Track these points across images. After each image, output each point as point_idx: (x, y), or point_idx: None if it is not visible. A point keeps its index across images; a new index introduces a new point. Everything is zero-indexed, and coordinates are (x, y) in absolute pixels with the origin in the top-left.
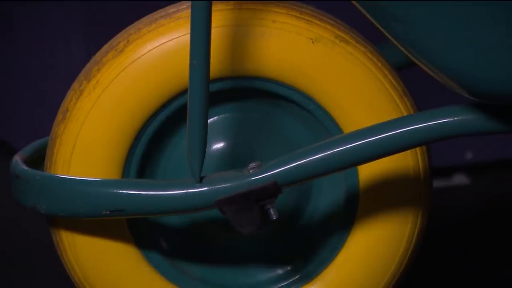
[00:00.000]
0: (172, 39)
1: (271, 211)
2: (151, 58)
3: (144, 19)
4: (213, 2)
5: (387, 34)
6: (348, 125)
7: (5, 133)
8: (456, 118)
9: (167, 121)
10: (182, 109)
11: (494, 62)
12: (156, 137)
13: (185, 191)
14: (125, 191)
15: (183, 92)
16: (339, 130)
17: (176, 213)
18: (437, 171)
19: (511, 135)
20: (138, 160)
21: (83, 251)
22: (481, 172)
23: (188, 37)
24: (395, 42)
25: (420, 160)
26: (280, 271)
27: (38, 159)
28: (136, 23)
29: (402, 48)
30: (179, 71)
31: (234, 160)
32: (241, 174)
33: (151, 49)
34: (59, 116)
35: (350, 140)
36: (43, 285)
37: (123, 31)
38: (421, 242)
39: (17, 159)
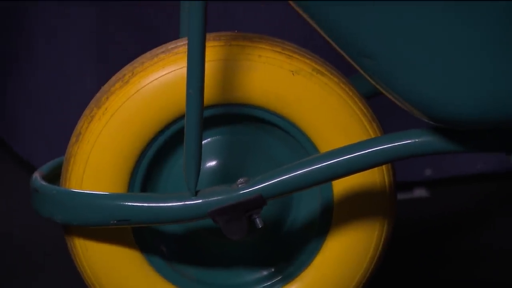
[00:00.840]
0: (171, 72)
1: (257, 220)
2: (153, 88)
3: (147, 54)
4: (207, 40)
5: (357, 68)
6: (324, 146)
7: (28, 152)
8: (417, 140)
9: (167, 142)
10: (180, 132)
11: (448, 95)
12: (158, 156)
13: (182, 203)
14: (130, 203)
15: (180, 118)
16: (316, 150)
17: (175, 222)
18: (400, 185)
19: (464, 154)
20: (141, 176)
21: (94, 255)
22: (438, 186)
23: (185, 69)
24: (364, 74)
25: (385, 176)
26: (265, 272)
27: (54, 176)
28: (139, 58)
29: (370, 80)
30: (177, 99)
31: (224, 176)
32: (231, 188)
33: (153, 80)
34: (73, 138)
35: (325, 159)
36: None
37: (129, 64)
38: (386, 248)
39: (36, 175)
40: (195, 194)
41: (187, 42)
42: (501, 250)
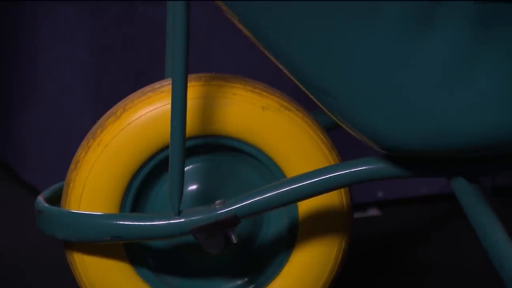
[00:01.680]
0: (158, 108)
1: (232, 236)
2: (141, 122)
3: (137, 93)
4: (188, 80)
5: (318, 103)
6: (290, 171)
7: (33, 178)
8: (370, 167)
9: (154, 169)
10: (165, 160)
11: (396, 128)
12: (146, 181)
13: (167, 221)
14: (121, 222)
15: (166, 147)
16: (283, 175)
17: (160, 238)
18: (356, 206)
19: (412, 178)
20: (132, 198)
21: (90, 268)
22: (389, 207)
23: (169, 106)
24: (324, 109)
25: (343, 198)
26: (239, 282)
27: (56, 198)
28: (130, 96)
29: (329, 114)
30: (162, 131)
31: (204, 198)
32: (210, 209)
33: (142, 115)
34: (72, 165)
35: (291, 183)
36: None
37: (121, 101)
38: (344, 261)
39: (40, 198)
40: (179, 213)
41: (171, 82)
42: (444, 264)
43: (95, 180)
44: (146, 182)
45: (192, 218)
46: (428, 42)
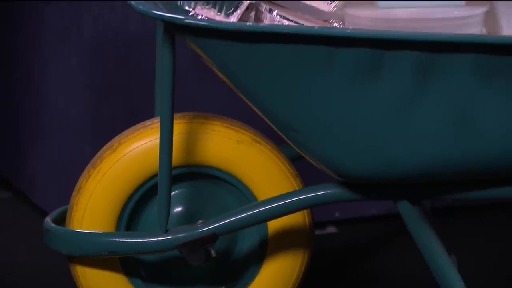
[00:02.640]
0: (148, 142)
1: (212, 251)
2: (134, 154)
3: (130, 129)
4: (174, 118)
5: (285, 138)
6: (261, 195)
7: (42, 201)
8: (328, 191)
9: (145, 194)
10: (154, 186)
11: (350, 159)
12: (138, 204)
13: (156, 239)
14: (117, 239)
15: (155, 175)
16: (255, 198)
17: (150, 253)
18: (316, 224)
19: (364, 201)
20: (126, 218)
21: (90, 278)
22: (344, 225)
23: (158, 140)
24: (290, 143)
25: (306, 218)
26: None
27: (61, 219)
28: (125, 132)
29: (294, 147)
30: (152, 162)
31: (188, 218)
32: (192, 228)
33: (134, 148)
34: (75, 191)
35: (262, 206)
36: None
37: (116, 136)
38: (306, 273)
39: (48, 219)
40: (166, 232)
41: (159, 120)
42: (391, 274)
43: (94, 203)
44: (138, 204)
45: (178, 235)
46: (375, 88)
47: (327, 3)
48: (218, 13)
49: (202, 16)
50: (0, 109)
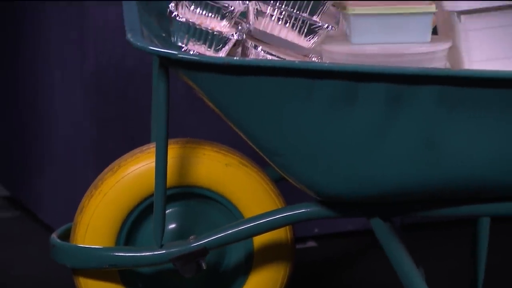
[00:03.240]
0: (145, 165)
1: (203, 264)
2: (132, 176)
3: (129, 153)
4: (169, 143)
5: (269, 161)
6: (247, 213)
7: (48, 218)
8: (308, 209)
9: (142, 212)
10: (150, 205)
11: (327, 181)
12: (135, 221)
13: (152, 253)
14: (116, 254)
15: (151, 195)
16: (241, 216)
17: (147, 266)
18: (297, 239)
19: (341, 218)
20: (125, 234)
21: None
22: (323, 240)
23: (153, 163)
24: (274, 166)
25: (288, 233)
26: None
27: (66, 235)
28: (124, 156)
29: (277, 169)
30: (148, 183)
31: (181, 234)
32: (185, 243)
33: (133, 171)
34: (78, 210)
35: (247, 223)
36: None
37: (116, 160)
38: (288, 284)
39: (54, 235)
40: (161, 246)
41: (155, 145)
42: (366, 283)
43: (96, 221)
44: (136, 222)
45: (172, 250)
46: (351, 116)
47: (306, 40)
48: (208, 49)
49: (193, 51)
50: (11, 135)
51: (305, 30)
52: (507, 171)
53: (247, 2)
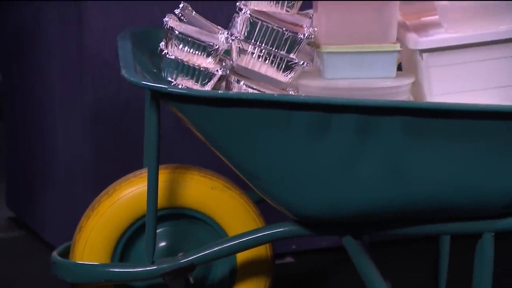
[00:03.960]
0: (138, 188)
1: (190, 278)
2: (126, 198)
3: (123, 178)
4: (159, 169)
5: (250, 184)
6: (231, 231)
7: (50, 238)
8: (286, 228)
9: (135, 231)
10: (143, 225)
11: (301, 203)
12: (129, 240)
13: (144, 268)
14: (112, 269)
15: (143, 216)
16: (226, 234)
17: (140, 280)
18: (277, 255)
19: (316, 236)
20: (120, 251)
21: None
22: (300, 256)
23: (146, 187)
24: (254, 189)
25: (268, 250)
26: None
27: (66, 253)
28: (118, 180)
29: (258, 192)
30: (141, 204)
31: (170, 251)
32: (174, 259)
33: (127, 194)
34: (77, 230)
35: (231, 241)
36: None
37: (112, 184)
38: None
39: (55, 253)
40: (152, 263)
41: (147, 170)
42: None
43: (93, 239)
44: (129, 240)
45: (162, 266)
46: (324, 144)
47: (284, 75)
48: (195, 83)
49: (182, 85)
50: (17, 161)
51: (283, 66)
52: (463, 194)
53: (231, 41)
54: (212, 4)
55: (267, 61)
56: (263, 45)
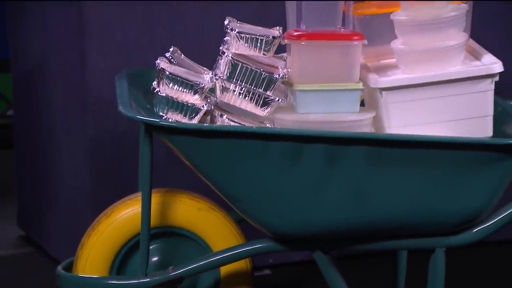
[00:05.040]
0: (133, 210)
1: None
2: (123, 219)
3: (120, 201)
4: (152, 192)
5: (232, 206)
6: (215, 247)
7: (55, 253)
8: (264, 244)
9: (130, 248)
10: (137, 243)
11: (276, 222)
12: (125, 255)
13: (138, 280)
14: (110, 282)
15: (137, 234)
16: (210, 250)
17: None
18: (255, 268)
19: (290, 251)
20: (117, 266)
21: None
22: (277, 268)
23: (140, 209)
24: (236, 210)
25: (248, 263)
26: None
27: (69, 267)
28: (116, 203)
29: (239, 212)
30: (135, 224)
31: (162, 265)
32: (165, 272)
33: (123, 215)
34: (79, 246)
35: (216, 255)
36: None
37: (110, 206)
38: None
39: (59, 267)
40: (146, 275)
41: (141, 193)
42: None
43: (94, 255)
44: (125, 256)
45: (154, 278)
46: (296, 170)
47: (262, 110)
48: (184, 117)
49: (172, 119)
50: (26, 186)
51: (261, 102)
52: (418, 215)
53: (215, 80)
54: (199, 47)
55: (246, 97)
56: (243, 83)
